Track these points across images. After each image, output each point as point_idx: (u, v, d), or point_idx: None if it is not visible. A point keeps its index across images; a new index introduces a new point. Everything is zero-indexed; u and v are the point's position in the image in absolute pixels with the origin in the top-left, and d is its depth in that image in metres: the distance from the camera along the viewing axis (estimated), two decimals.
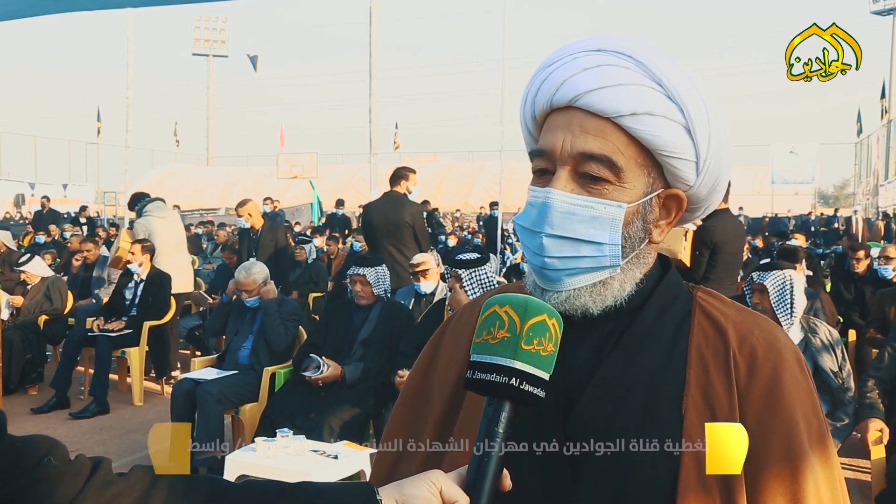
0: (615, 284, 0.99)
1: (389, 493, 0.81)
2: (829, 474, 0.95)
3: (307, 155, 22.51)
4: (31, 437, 0.82)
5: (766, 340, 0.99)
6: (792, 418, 0.95)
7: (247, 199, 7.60)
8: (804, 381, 0.98)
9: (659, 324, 1.01)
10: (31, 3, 7.58)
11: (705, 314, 1.02)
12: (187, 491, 0.81)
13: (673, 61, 0.98)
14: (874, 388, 3.57)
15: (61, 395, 6.13)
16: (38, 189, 30.15)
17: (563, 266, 0.97)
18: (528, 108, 1.04)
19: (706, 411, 0.95)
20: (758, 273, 3.80)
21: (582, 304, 0.98)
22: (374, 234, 6.24)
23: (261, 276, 5.09)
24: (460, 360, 1.08)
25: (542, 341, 0.83)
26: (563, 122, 0.97)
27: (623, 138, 0.96)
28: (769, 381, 0.96)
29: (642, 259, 1.02)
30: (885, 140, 25.91)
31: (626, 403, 0.96)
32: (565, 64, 0.98)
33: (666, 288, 1.03)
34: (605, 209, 0.96)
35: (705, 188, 1.02)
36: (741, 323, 1.01)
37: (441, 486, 0.81)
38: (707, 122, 0.97)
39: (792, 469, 0.93)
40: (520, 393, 0.81)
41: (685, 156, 0.97)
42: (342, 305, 4.87)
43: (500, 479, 0.81)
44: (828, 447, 0.97)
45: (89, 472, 0.80)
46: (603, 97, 0.94)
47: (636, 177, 0.97)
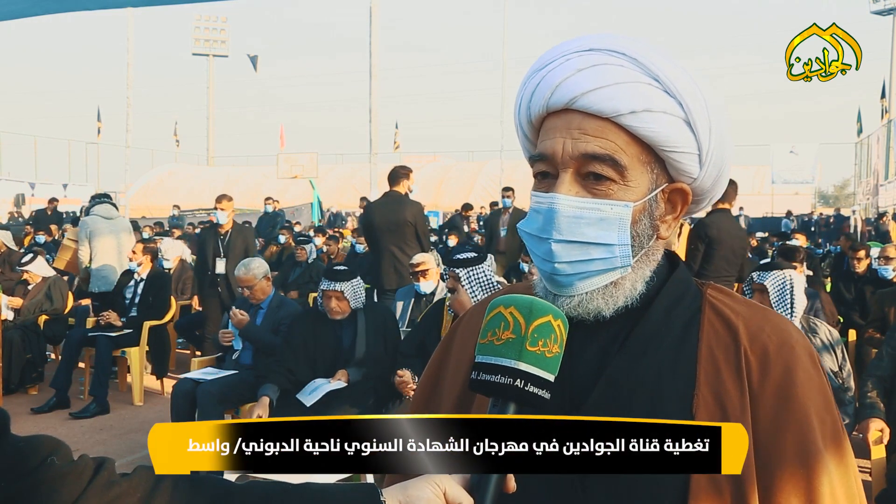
0: (627, 284, 0.98)
1: (393, 495, 0.81)
2: (844, 472, 0.94)
3: (307, 155, 22.53)
4: (35, 438, 0.82)
5: (778, 337, 0.98)
6: (806, 416, 0.93)
7: (230, 196, 7.46)
8: (817, 378, 0.97)
9: (667, 322, 0.99)
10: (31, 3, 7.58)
11: (715, 311, 1.01)
12: (190, 491, 0.81)
13: (666, 55, 0.97)
14: (874, 388, 3.57)
15: (61, 395, 6.13)
16: (38, 189, 30.16)
17: (573, 270, 0.96)
18: (522, 112, 1.03)
19: (717, 410, 0.94)
20: (758, 273, 3.80)
21: (595, 306, 0.97)
22: (375, 233, 6.23)
23: (260, 271, 5.04)
24: (469, 359, 1.08)
25: (547, 343, 0.82)
26: (562, 125, 0.96)
27: (624, 137, 0.95)
28: (782, 378, 0.95)
29: (651, 256, 1.01)
30: (885, 140, 25.91)
31: (633, 404, 0.95)
32: (559, 66, 0.97)
33: (674, 285, 1.02)
34: (612, 210, 0.95)
35: (709, 179, 1.01)
36: (752, 320, 0.99)
37: (445, 488, 0.80)
38: (706, 113, 0.96)
39: (806, 468, 0.91)
40: (524, 394, 0.80)
41: (687, 149, 0.97)
42: (319, 320, 4.46)
43: (505, 482, 0.81)
44: (843, 445, 0.95)
45: (92, 473, 0.81)
46: (601, 97, 0.93)
47: (640, 174, 0.96)
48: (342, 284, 4.34)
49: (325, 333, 4.43)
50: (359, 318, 4.43)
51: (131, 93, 11.34)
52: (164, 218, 22.24)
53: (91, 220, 7.46)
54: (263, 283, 5.06)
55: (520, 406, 0.81)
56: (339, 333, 4.44)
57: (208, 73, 45.39)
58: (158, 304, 6.68)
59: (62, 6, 8.62)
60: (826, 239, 18.07)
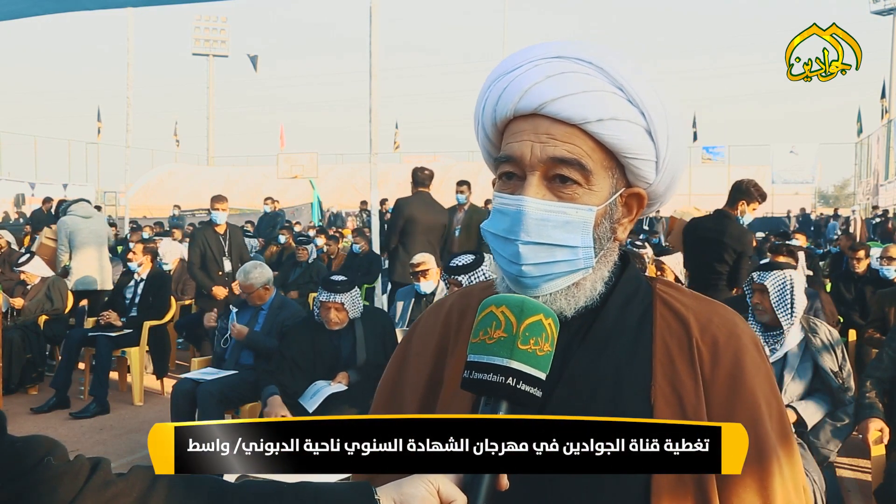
0: (587, 285, 1.02)
1: (387, 493, 0.81)
2: (792, 461, 0.99)
3: (307, 155, 22.52)
4: (31, 438, 0.82)
5: (726, 328, 1.03)
6: (755, 402, 0.98)
7: (225, 197, 7.49)
8: (763, 365, 1.02)
9: (622, 318, 1.03)
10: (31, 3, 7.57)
11: (666, 305, 1.05)
12: (186, 491, 0.81)
13: (630, 65, 1.00)
14: (873, 388, 3.57)
15: (61, 395, 6.13)
16: (38, 189, 30.15)
17: (539, 273, 0.99)
18: (487, 114, 1.04)
19: (674, 401, 0.98)
20: (758, 273, 3.79)
21: (558, 307, 1.00)
22: (413, 228, 6.64)
23: (259, 280, 5.01)
24: (429, 363, 1.11)
25: (538, 341, 0.83)
26: (529, 129, 0.98)
27: (589, 143, 0.98)
28: (731, 367, 1.00)
29: (609, 257, 1.05)
30: (885, 140, 25.93)
31: (594, 399, 0.98)
32: (527, 71, 0.99)
33: (626, 282, 1.06)
34: (577, 213, 0.98)
35: (663, 185, 1.05)
36: (701, 312, 1.04)
37: (439, 486, 0.81)
38: (666, 123, 1.00)
39: (759, 460, 0.95)
40: (517, 392, 0.81)
41: (646, 156, 1.00)
42: (316, 330, 4.40)
43: (498, 479, 0.82)
44: (786, 426, 1.01)
45: (88, 473, 0.81)
46: (569, 105, 0.96)
47: (602, 179, 1.00)
48: (342, 296, 4.29)
49: (322, 343, 4.36)
50: (356, 326, 4.38)
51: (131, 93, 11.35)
52: (164, 218, 22.25)
53: (70, 219, 7.52)
54: (261, 292, 5.07)
55: (512, 404, 0.82)
56: (338, 343, 4.39)
57: (208, 73, 45.44)
58: (158, 304, 6.68)
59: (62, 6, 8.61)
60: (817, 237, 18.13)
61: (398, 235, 6.76)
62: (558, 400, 0.97)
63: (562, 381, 0.98)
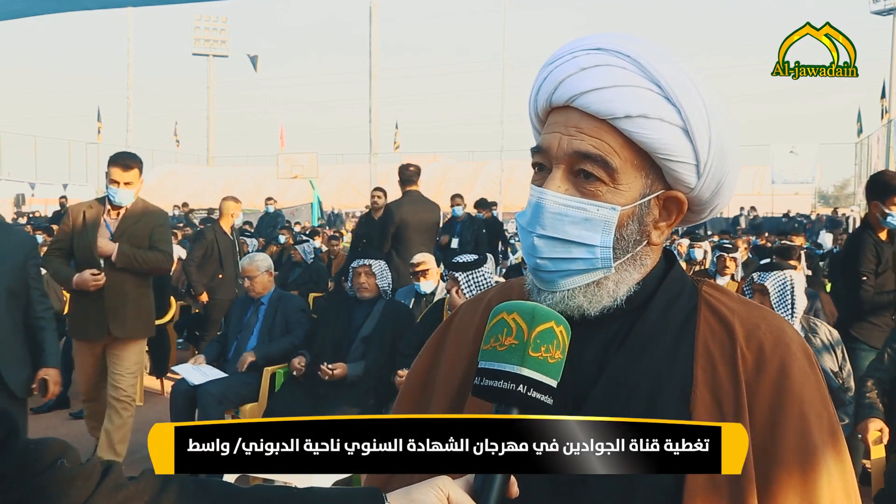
0: (609, 285, 0.99)
1: (397, 499, 0.81)
2: (842, 470, 0.94)
3: (307, 155, 22.52)
4: (45, 440, 0.83)
5: (774, 334, 0.98)
6: (802, 413, 0.94)
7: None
8: (813, 375, 0.97)
9: (664, 320, 1.00)
10: (31, 3, 7.57)
11: (711, 309, 1.01)
12: (197, 494, 0.82)
13: (673, 61, 0.96)
14: (873, 388, 3.56)
15: (61, 395, 6.12)
16: (38, 189, 30.16)
17: (555, 268, 0.97)
18: (532, 104, 1.05)
19: (714, 408, 0.94)
20: (758, 273, 3.80)
21: (577, 304, 0.98)
22: (406, 233, 6.47)
23: (263, 265, 5.17)
24: (464, 358, 1.08)
25: (549, 348, 0.82)
26: (561, 121, 0.98)
27: (619, 139, 0.95)
28: (778, 375, 0.95)
29: (639, 261, 1.01)
30: (885, 140, 25.91)
31: (632, 402, 0.95)
32: (565, 63, 0.98)
33: (670, 284, 1.03)
34: (598, 211, 0.95)
35: (707, 191, 1.01)
36: (748, 317, 1.00)
37: (449, 493, 0.80)
38: (707, 124, 0.95)
39: (804, 465, 0.92)
40: (527, 400, 0.81)
41: (684, 158, 0.96)
42: (342, 301, 4.84)
43: (508, 486, 0.81)
44: (839, 441, 0.96)
45: (100, 476, 0.81)
46: (598, 98, 0.94)
47: (632, 178, 0.97)
48: (371, 260, 4.65)
49: (343, 313, 4.71)
50: (377, 304, 4.65)
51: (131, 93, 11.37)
52: None
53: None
54: (264, 277, 5.15)
55: (522, 411, 0.81)
56: (355, 313, 4.65)
57: (208, 73, 45.41)
58: (158, 304, 6.66)
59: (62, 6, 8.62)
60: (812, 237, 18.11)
61: (390, 241, 6.65)
62: (594, 402, 0.95)
63: (599, 383, 0.97)
